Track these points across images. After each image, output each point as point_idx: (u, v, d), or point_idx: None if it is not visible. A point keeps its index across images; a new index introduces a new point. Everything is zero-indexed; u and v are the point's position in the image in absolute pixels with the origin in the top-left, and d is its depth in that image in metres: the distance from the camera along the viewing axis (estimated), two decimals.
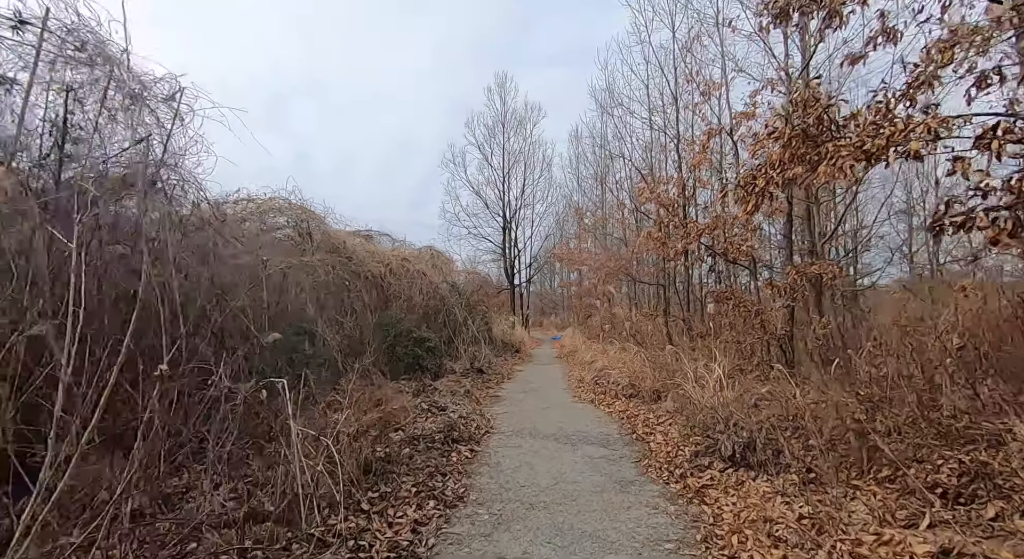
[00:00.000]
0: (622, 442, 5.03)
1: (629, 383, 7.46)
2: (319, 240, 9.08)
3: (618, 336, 11.49)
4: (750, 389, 4.48)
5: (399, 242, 14.82)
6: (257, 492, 2.68)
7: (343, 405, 3.74)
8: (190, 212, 6.16)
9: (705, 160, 7.24)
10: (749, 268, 6.91)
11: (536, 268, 30.44)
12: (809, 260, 5.81)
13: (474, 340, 13.39)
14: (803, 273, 5.19)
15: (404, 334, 8.74)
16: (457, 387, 7.47)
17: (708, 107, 7.30)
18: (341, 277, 7.24)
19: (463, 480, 3.80)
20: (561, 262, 22.67)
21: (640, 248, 8.86)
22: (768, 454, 3.55)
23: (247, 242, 7.11)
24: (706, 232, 6.68)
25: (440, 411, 5.64)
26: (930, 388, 3.32)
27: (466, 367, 10.25)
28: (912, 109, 3.10)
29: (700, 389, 4.91)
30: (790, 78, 6.26)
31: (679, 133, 10.62)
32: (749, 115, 6.31)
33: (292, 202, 9.20)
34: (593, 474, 3.97)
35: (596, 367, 9.80)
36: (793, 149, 3.27)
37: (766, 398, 4.03)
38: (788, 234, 6.38)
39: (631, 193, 12.64)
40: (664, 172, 10.71)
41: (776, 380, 4.24)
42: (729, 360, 4.99)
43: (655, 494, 3.52)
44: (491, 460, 4.40)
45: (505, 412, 6.59)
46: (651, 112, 10.93)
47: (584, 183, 21.91)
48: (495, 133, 26.28)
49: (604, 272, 10.47)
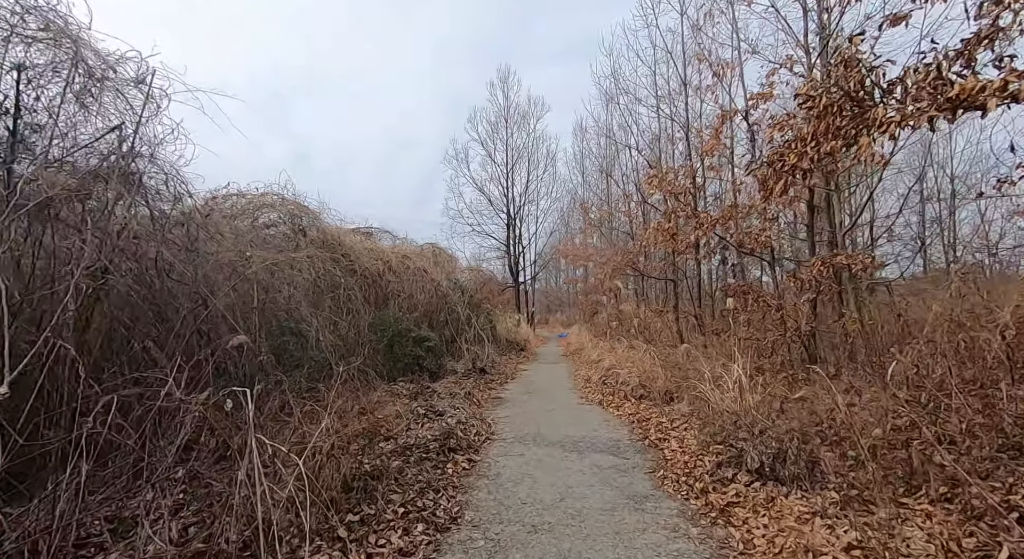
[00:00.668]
0: (633, 449, 4.63)
1: (639, 383, 7.05)
2: (314, 237, 8.75)
3: (626, 333, 11.07)
4: (775, 391, 4.07)
5: (401, 239, 14.50)
6: (217, 520, 2.31)
7: (327, 413, 3.36)
8: (171, 207, 5.83)
9: (718, 146, 6.81)
10: (766, 260, 6.47)
11: (541, 265, 30.04)
12: (833, 251, 5.37)
13: (477, 339, 13.02)
14: (829, 264, 4.76)
15: (403, 333, 8.38)
16: (457, 389, 7.10)
17: (721, 88, 6.86)
18: (333, 274, 6.87)
19: (458, 496, 3.42)
20: (566, 258, 22.23)
21: (648, 241, 8.43)
22: (802, 466, 3.14)
23: (237, 239, 6.78)
24: (720, 222, 6.25)
25: (437, 416, 5.26)
26: (991, 392, 2.89)
27: (468, 367, 9.88)
28: (968, 70, 2.68)
29: (718, 391, 4.50)
30: (809, 55, 5.81)
31: (688, 121, 10.17)
32: (766, 96, 5.86)
33: (286, 197, 8.86)
34: (603, 488, 3.58)
35: (603, 366, 9.39)
36: (829, 120, 2.84)
37: (798, 401, 3.61)
38: (810, 224, 5.94)
39: (638, 184, 12.20)
40: (673, 162, 10.27)
41: (806, 382, 3.83)
42: (748, 359, 4.57)
43: (674, 513, 3.12)
44: (490, 471, 4.02)
45: (507, 416, 6.21)
46: (658, 100, 10.48)
47: (589, 178, 21.48)
48: (498, 128, 25.88)
49: (611, 267, 10.05)
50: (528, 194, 26.48)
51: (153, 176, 5.73)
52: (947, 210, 18.16)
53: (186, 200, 5.91)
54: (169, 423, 2.28)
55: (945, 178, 18.71)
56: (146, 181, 5.50)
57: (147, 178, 5.60)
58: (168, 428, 2.30)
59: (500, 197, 26.04)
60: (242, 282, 5.81)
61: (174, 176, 5.82)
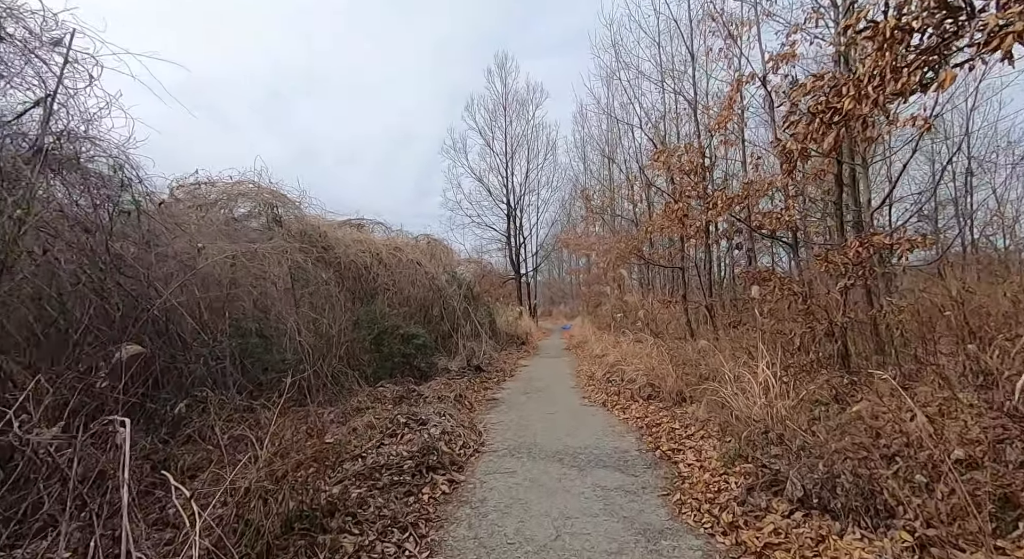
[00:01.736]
0: (643, 463, 4.00)
1: (647, 382, 6.41)
2: (294, 227, 8.11)
3: (631, 326, 10.42)
4: (812, 395, 3.42)
5: (395, 231, 13.85)
6: None
7: (267, 435, 2.73)
8: (117, 194, 5.20)
9: (731, 116, 6.10)
10: (787, 244, 5.79)
11: (543, 256, 29.40)
12: (870, 230, 4.69)
13: (474, 334, 12.41)
14: (869, 244, 4.08)
15: (390, 331, 7.75)
16: (447, 391, 6.48)
17: (735, 50, 6.11)
18: (305, 268, 6.22)
19: (431, 534, 2.79)
20: (568, 248, 21.52)
21: (655, 226, 7.75)
22: (858, 497, 2.49)
23: (202, 231, 6.14)
24: (736, 202, 5.57)
25: (419, 426, 4.64)
26: None
27: (463, 365, 9.27)
28: None
29: (743, 396, 3.86)
30: (837, 6, 5.08)
31: (696, 98, 9.43)
32: (788, 57, 5.15)
33: (261, 186, 8.22)
34: (608, 519, 2.95)
35: (607, 361, 8.76)
36: (895, 50, 2.16)
37: (849, 412, 2.96)
38: (839, 200, 5.26)
39: (642, 166, 11.49)
40: (679, 143, 9.55)
41: (853, 386, 3.17)
42: (776, 357, 3.91)
43: (698, 556, 2.49)
44: (474, 496, 3.39)
45: (501, 422, 5.59)
46: (663, 74, 9.72)
47: (591, 165, 20.70)
48: (496, 117, 25.10)
49: (614, 254, 9.38)
50: (528, 183, 25.79)
51: (96, 160, 5.12)
52: (963, 191, 17.36)
53: (136, 186, 5.30)
54: None
55: (962, 157, 17.91)
56: (87, 165, 4.90)
57: (88, 163, 4.99)
58: None
59: (500, 187, 25.35)
60: (195, 277, 5.19)
61: (120, 158, 5.21)
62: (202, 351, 4.31)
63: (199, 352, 4.32)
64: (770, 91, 5.67)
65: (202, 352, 4.31)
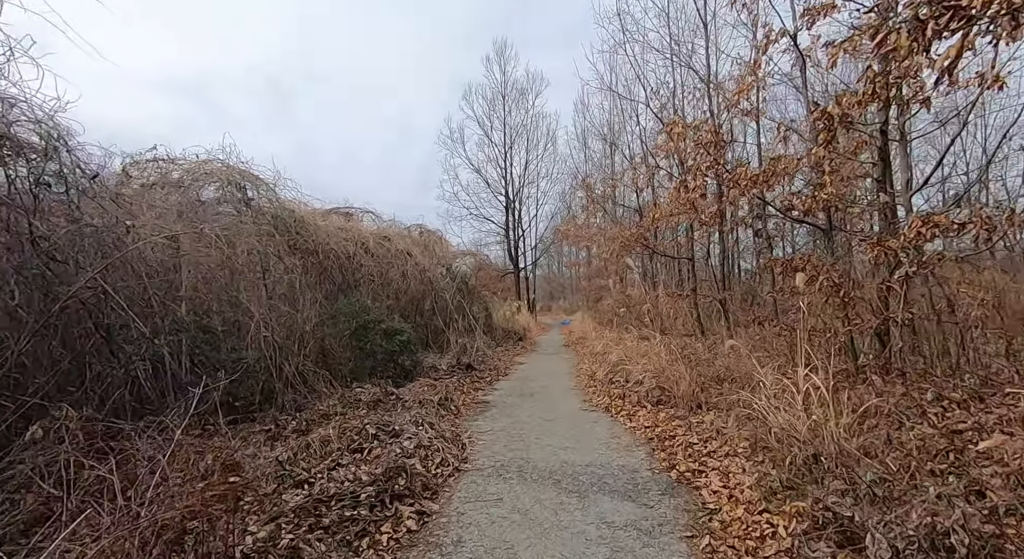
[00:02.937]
0: (657, 487, 3.28)
1: (656, 384, 5.69)
2: (269, 210, 7.36)
3: (634, 321, 9.70)
4: (881, 411, 2.69)
5: (387, 221, 13.12)
6: None
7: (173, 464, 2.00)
8: (42, 161, 4.49)
9: (756, 82, 5.34)
10: (821, 228, 5.05)
11: (542, 249, 28.63)
12: (929, 212, 3.96)
13: (468, 329, 11.70)
14: (932, 225, 3.35)
15: (370, 325, 7.02)
16: (431, 394, 5.75)
17: (761, 1, 5.31)
18: (263, 253, 5.48)
19: None
20: (568, 239, 20.75)
21: (662, 213, 7.01)
22: None
23: (159, 212, 5.40)
24: (761, 180, 4.82)
25: (391, 438, 3.92)
26: None
27: (453, 363, 8.56)
28: None
29: (782, 409, 3.13)
30: None
31: (709, 72, 8.65)
32: (828, 8, 4.38)
33: (230, 165, 7.46)
34: None
35: (610, 360, 8.02)
36: None
37: None
38: (883, 177, 4.53)
39: (646, 148, 10.72)
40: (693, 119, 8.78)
41: (941, 402, 2.45)
42: (829, 361, 3.18)
43: None
44: (447, 535, 2.68)
45: (490, 430, 4.87)
46: (672, 41, 8.92)
47: (592, 155, 19.84)
48: (495, 106, 24.24)
49: (618, 243, 8.64)
50: (528, 174, 24.98)
51: (20, 123, 4.40)
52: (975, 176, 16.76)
53: (63, 155, 4.57)
54: None
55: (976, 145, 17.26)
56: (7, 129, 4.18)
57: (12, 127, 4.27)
58: None
59: (498, 178, 24.55)
60: (143, 264, 4.45)
61: (45, 122, 4.49)
62: (127, 349, 3.58)
63: (124, 350, 3.59)
64: (803, 52, 4.92)
65: (127, 350, 3.58)
